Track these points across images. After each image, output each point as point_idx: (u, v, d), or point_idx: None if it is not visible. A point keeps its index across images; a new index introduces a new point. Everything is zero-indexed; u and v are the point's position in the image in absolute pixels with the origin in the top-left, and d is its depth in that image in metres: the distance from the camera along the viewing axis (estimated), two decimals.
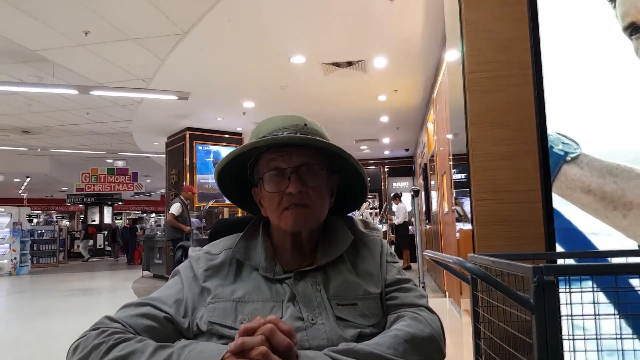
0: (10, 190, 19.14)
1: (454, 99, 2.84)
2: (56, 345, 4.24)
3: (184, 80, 6.82)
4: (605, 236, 1.45)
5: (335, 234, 0.96)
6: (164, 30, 5.25)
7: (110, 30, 5.24)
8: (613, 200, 1.46)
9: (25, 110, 8.85)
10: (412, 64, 6.33)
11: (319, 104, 8.03)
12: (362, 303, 0.88)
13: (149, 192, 20.37)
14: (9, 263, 11.53)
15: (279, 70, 6.44)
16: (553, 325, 0.93)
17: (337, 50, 5.81)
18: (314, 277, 0.89)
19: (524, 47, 1.70)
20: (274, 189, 0.90)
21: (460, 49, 1.89)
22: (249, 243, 0.95)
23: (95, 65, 6.33)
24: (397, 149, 12.94)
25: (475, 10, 1.83)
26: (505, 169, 1.70)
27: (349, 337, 0.82)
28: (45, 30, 5.21)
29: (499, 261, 1.15)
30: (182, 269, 0.95)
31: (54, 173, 15.44)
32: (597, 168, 1.49)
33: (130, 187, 15.91)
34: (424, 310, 0.89)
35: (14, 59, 6.34)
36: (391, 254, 1.00)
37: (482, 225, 1.66)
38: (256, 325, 0.70)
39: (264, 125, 0.95)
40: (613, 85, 1.51)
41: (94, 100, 8.03)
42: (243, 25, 5.07)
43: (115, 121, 9.89)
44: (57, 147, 12.50)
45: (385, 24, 5.10)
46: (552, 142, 1.53)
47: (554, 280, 0.94)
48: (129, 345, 0.74)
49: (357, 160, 0.93)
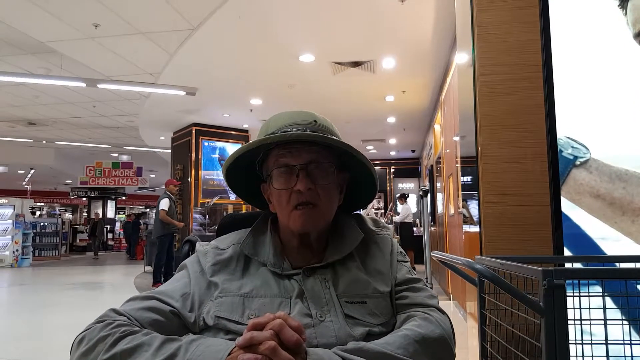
0: (14, 182, 19.21)
1: (463, 101, 2.83)
2: (56, 338, 4.26)
3: (192, 76, 6.83)
4: (613, 241, 1.44)
5: (345, 232, 0.95)
6: (174, 25, 5.26)
7: (120, 23, 5.25)
8: (622, 205, 1.46)
9: (33, 101, 8.88)
10: (421, 66, 6.32)
11: (326, 103, 8.03)
12: (371, 301, 0.87)
13: (153, 187, 20.40)
14: (11, 255, 11.55)
15: (288, 68, 6.44)
16: (562, 329, 0.93)
17: (346, 49, 5.81)
18: (323, 274, 0.89)
19: (535, 50, 1.70)
20: (283, 186, 0.90)
21: (471, 51, 1.88)
22: (257, 238, 0.95)
23: (103, 59, 6.35)
24: (403, 150, 12.94)
25: (487, 12, 1.82)
26: (514, 172, 1.69)
27: (358, 336, 0.81)
28: (55, 22, 5.22)
29: (508, 263, 1.15)
30: (189, 263, 0.94)
31: (58, 165, 15.47)
32: (607, 173, 1.48)
33: (134, 181, 15.93)
34: (434, 310, 0.88)
35: (23, 50, 6.36)
36: (401, 252, 0.99)
37: (490, 228, 1.65)
38: (265, 320, 0.69)
39: (273, 120, 0.94)
40: (623, 90, 1.50)
41: (101, 93, 8.06)
42: (253, 22, 5.08)
43: (122, 115, 9.92)
44: (63, 139, 12.54)
45: (395, 24, 5.09)
46: (562, 146, 1.53)
47: (564, 283, 0.93)
48: (135, 338, 0.73)
49: (366, 157, 0.92)
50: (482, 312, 1.37)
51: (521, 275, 1.12)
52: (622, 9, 1.52)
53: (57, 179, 19.71)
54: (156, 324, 0.81)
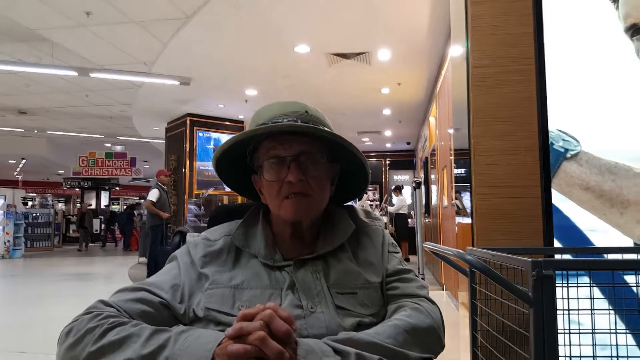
0: (5, 172, 19.05)
1: (457, 94, 2.84)
2: (48, 330, 4.25)
3: (186, 66, 6.78)
4: (602, 233, 1.46)
5: (337, 223, 0.96)
6: (168, 14, 5.21)
7: (113, 12, 5.20)
8: (611, 198, 1.48)
9: (23, 90, 8.79)
10: (416, 58, 6.31)
11: (322, 94, 8.01)
12: (362, 292, 0.88)
13: (147, 178, 20.32)
14: (2, 246, 11.45)
15: (283, 58, 6.41)
16: (550, 319, 0.94)
17: (342, 41, 5.79)
18: (314, 266, 0.89)
19: (528, 43, 1.70)
20: (274, 178, 0.89)
21: (465, 44, 1.88)
22: (248, 230, 0.95)
23: (96, 47, 6.29)
24: (398, 142, 12.96)
25: (481, 4, 1.82)
26: (506, 164, 1.70)
27: (348, 326, 0.82)
28: (46, 9, 5.15)
29: (498, 254, 1.16)
30: (179, 254, 0.94)
31: (50, 155, 15.34)
32: (597, 166, 1.50)
33: (128, 172, 15.86)
34: (424, 300, 0.89)
35: (13, 37, 6.28)
36: (392, 244, 1.00)
37: (482, 219, 1.66)
38: (255, 311, 0.69)
39: (263, 111, 0.93)
40: (614, 85, 1.52)
41: (93, 82, 7.99)
42: (248, 12, 5.04)
43: (115, 105, 9.85)
44: (55, 129, 12.45)
45: (391, 16, 5.08)
46: (553, 138, 1.54)
47: (553, 274, 0.95)
48: (124, 329, 0.72)
49: (358, 148, 0.92)
50: (473, 302, 1.39)
51: (511, 266, 1.13)
52: (614, 2, 1.52)
53: (50, 169, 19.57)
54: (145, 315, 0.81)
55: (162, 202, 7.13)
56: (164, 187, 7.27)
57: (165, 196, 7.21)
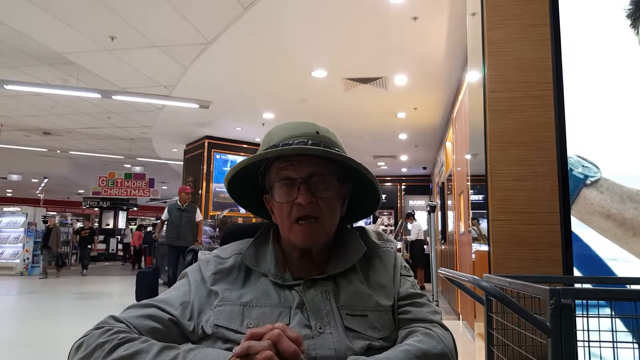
0: (27, 191, 19.48)
1: (474, 119, 2.83)
2: (61, 346, 4.25)
3: (206, 89, 6.91)
4: (623, 262, 1.42)
5: (348, 245, 0.95)
6: (189, 39, 5.35)
7: (136, 36, 5.36)
8: (633, 226, 1.43)
9: (48, 111, 9.05)
10: (432, 83, 6.33)
11: (338, 118, 8.06)
12: (372, 315, 0.86)
13: (165, 199, 20.55)
14: (21, 263, 11.61)
15: (300, 83, 6.50)
16: (569, 350, 0.90)
17: (359, 66, 5.85)
18: (324, 286, 0.88)
19: (545, 68, 1.69)
20: (284, 199, 0.89)
21: (481, 69, 1.88)
22: (259, 249, 0.94)
23: (119, 70, 6.47)
24: (414, 166, 12.91)
25: (498, 30, 1.83)
26: (523, 190, 1.67)
27: (358, 349, 0.80)
28: (72, 33, 5.34)
29: (515, 282, 1.13)
30: (190, 271, 0.94)
31: (71, 175, 15.68)
32: (618, 193, 1.46)
33: (146, 192, 16.05)
34: (437, 326, 0.86)
35: (40, 60, 6.50)
36: (405, 267, 0.98)
37: (499, 246, 1.63)
38: (264, 330, 0.68)
39: (275, 132, 0.94)
40: (634, 110, 1.49)
41: (115, 104, 8.19)
42: (267, 38, 5.14)
43: (136, 126, 10.06)
44: (77, 149, 12.73)
45: (407, 42, 5.12)
46: (572, 164, 1.51)
47: (572, 303, 0.91)
48: (133, 345, 0.73)
49: (368, 169, 0.91)
50: (489, 332, 1.35)
51: (529, 295, 1.09)
52: (634, 28, 1.51)
53: (70, 188, 19.95)
54: (155, 331, 0.81)
55: (170, 221, 6.86)
56: (180, 205, 6.94)
57: (175, 214, 6.87)
